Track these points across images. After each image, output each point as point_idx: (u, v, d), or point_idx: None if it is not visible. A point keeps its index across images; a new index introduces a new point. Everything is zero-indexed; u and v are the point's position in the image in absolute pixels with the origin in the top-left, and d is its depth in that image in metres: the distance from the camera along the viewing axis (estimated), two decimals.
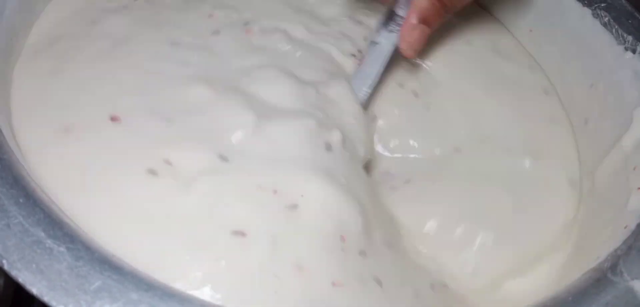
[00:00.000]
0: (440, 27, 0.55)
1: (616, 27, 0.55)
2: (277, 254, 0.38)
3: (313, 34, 0.54)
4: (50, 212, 0.36)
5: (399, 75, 0.55)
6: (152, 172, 0.40)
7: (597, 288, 0.38)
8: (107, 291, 0.33)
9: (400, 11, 0.54)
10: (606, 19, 0.56)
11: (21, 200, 0.36)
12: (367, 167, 0.49)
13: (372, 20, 0.57)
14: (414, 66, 0.56)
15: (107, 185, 0.40)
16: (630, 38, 0.54)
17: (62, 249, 0.34)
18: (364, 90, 0.52)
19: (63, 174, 0.40)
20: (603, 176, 0.51)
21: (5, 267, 0.33)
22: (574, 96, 0.57)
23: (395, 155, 0.52)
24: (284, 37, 0.53)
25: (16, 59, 0.48)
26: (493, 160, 0.52)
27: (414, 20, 0.51)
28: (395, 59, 0.54)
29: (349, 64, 0.53)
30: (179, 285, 0.35)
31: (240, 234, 0.38)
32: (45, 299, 0.32)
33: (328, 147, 0.44)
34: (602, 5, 0.56)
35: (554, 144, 0.55)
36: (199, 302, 0.34)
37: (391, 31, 0.54)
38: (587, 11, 0.57)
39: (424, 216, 0.48)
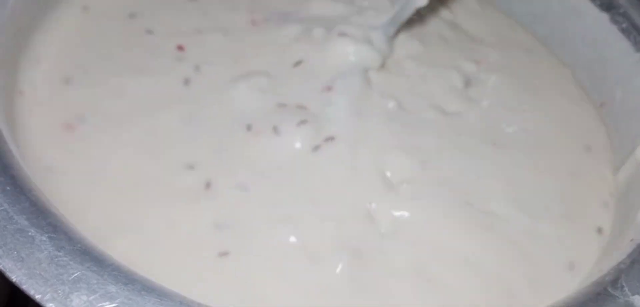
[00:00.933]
0: None
1: (635, 34, 0.53)
2: None
3: None
4: (36, 201, 0.36)
5: None
6: None
7: (596, 302, 0.37)
8: (86, 283, 0.32)
9: None
10: (624, 25, 0.54)
11: (8, 188, 0.36)
12: None
13: None
14: None
15: None
16: None
17: (44, 238, 0.34)
18: None
19: None
20: (618, 187, 0.49)
21: None
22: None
23: None
24: None
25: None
26: None
27: None
28: None
29: None
30: None
31: None
32: (24, 287, 0.32)
33: None
34: (621, 10, 0.54)
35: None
36: (179, 298, 0.33)
37: None
38: (605, 16, 0.55)
39: None
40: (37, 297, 0.32)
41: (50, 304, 0.31)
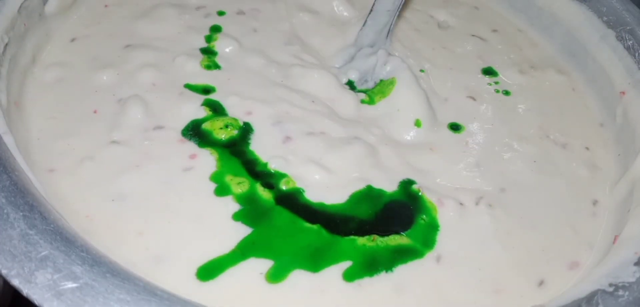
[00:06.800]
0: None
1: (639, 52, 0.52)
2: None
3: None
4: (17, 180, 0.37)
5: None
6: None
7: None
8: (52, 261, 0.33)
9: None
10: (630, 43, 0.53)
11: None
12: None
13: None
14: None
15: None
16: None
17: (18, 216, 0.35)
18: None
19: None
20: (611, 203, 0.48)
21: None
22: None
23: None
24: None
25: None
26: None
27: None
28: None
29: None
30: None
31: None
32: None
33: None
34: (627, 27, 0.53)
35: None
36: (142, 283, 0.34)
37: None
38: (611, 33, 0.54)
39: None
40: (4, 272, 0.33)
41: (15, 280, 0.32)
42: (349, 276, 0.41)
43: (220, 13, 0.58)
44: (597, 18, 0.56)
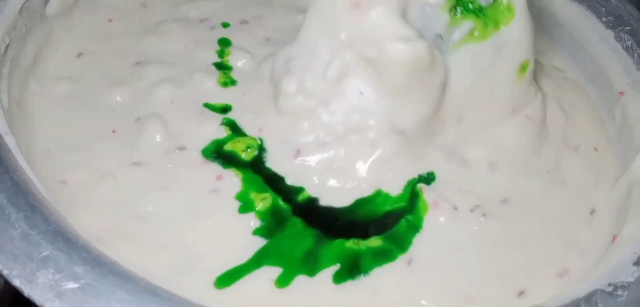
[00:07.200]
0: None
1: (639, 52, 0.52)
2: None
3: None
4: (19, 180, 0.37)
5: None
6: None
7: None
8: (54, 262, 0.33)
9: None
10: (629, 43, 0.53)
11: None
12: None
13: None
14: None
15: None
16: None
17: (19, 216, 0.35)
18: None
19: None
20: (608, 203, 0.48)
21: None
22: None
23: None
24: None
25: None
26: None
27: None
28: None
29: None
30: None
31: None
32: None
33: None
34: (626, 28, 0.54)
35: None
36: (143, 283, 0.34)
37: None
38: (609, 33, 0.54)
39: None
40: (5, 272, 0.33)
41: (16, 280, 0.33)
42: (337, 278, 0.41)
43: (225, 25, 0.57)
44: (596, 18, 0.56)
